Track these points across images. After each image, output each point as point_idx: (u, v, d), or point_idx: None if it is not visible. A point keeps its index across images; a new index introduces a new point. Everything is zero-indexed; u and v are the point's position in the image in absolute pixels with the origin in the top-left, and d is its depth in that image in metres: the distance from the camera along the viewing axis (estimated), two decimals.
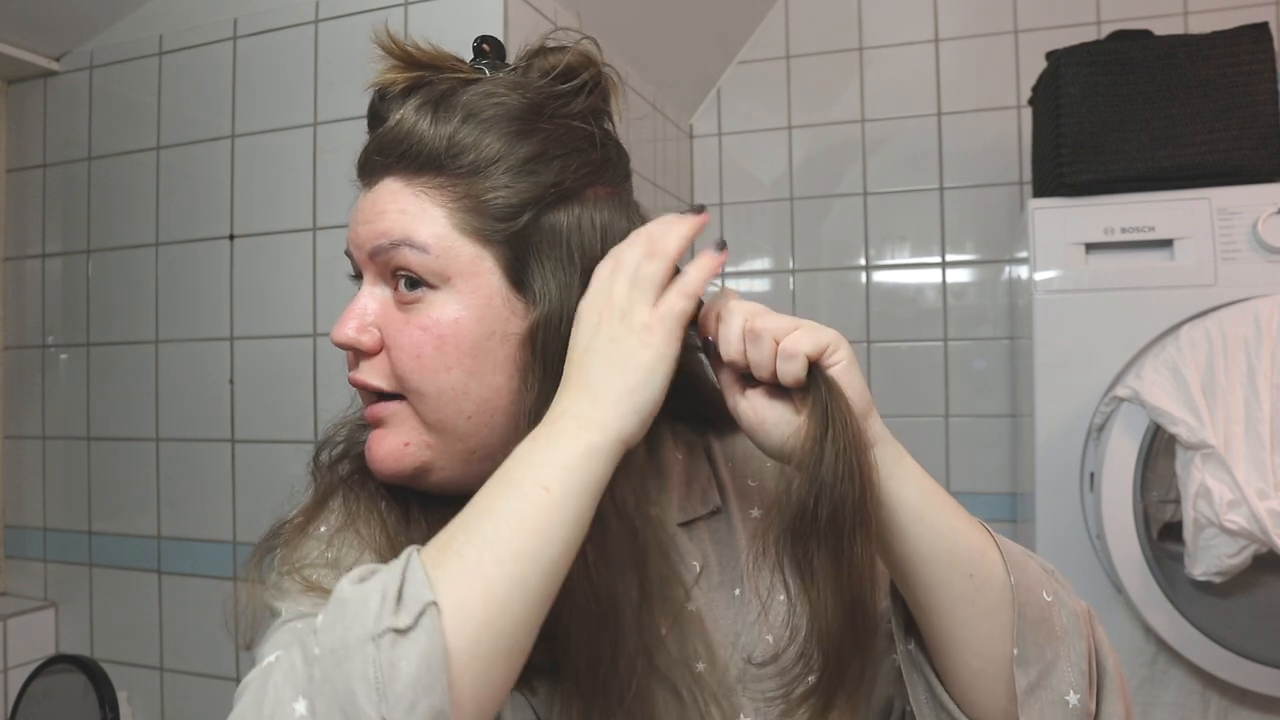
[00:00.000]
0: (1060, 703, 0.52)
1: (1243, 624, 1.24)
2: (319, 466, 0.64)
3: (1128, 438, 1.30)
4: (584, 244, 0.56)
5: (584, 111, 0.59)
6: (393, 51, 0.58)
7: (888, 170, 1.94)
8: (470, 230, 0.55)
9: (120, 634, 1.51)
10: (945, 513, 0.54)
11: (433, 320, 0.55)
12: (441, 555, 0.43)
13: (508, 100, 0.56)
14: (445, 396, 0.55)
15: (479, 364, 0.55)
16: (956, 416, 1.87)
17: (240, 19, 1.42)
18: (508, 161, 0.55)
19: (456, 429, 0.56)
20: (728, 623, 0.61)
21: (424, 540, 0.51)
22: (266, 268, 1.41)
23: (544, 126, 0.57)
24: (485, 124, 0.55)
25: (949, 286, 1.90)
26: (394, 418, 0.57)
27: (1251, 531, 1.15)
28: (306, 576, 0.54)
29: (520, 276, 0.56)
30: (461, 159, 0.55)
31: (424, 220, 0.55)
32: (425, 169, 0.55)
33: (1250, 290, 1.28)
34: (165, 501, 1.48)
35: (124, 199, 1.52)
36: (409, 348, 0.55)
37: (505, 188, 0.55)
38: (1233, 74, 1.33)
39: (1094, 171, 1.37)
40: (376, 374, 0.57)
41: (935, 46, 1.92)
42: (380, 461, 0.57)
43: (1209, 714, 1.29)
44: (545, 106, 0.57)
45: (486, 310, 0.55)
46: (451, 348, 0.54)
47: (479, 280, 0.55)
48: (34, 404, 1.60)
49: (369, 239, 0.56)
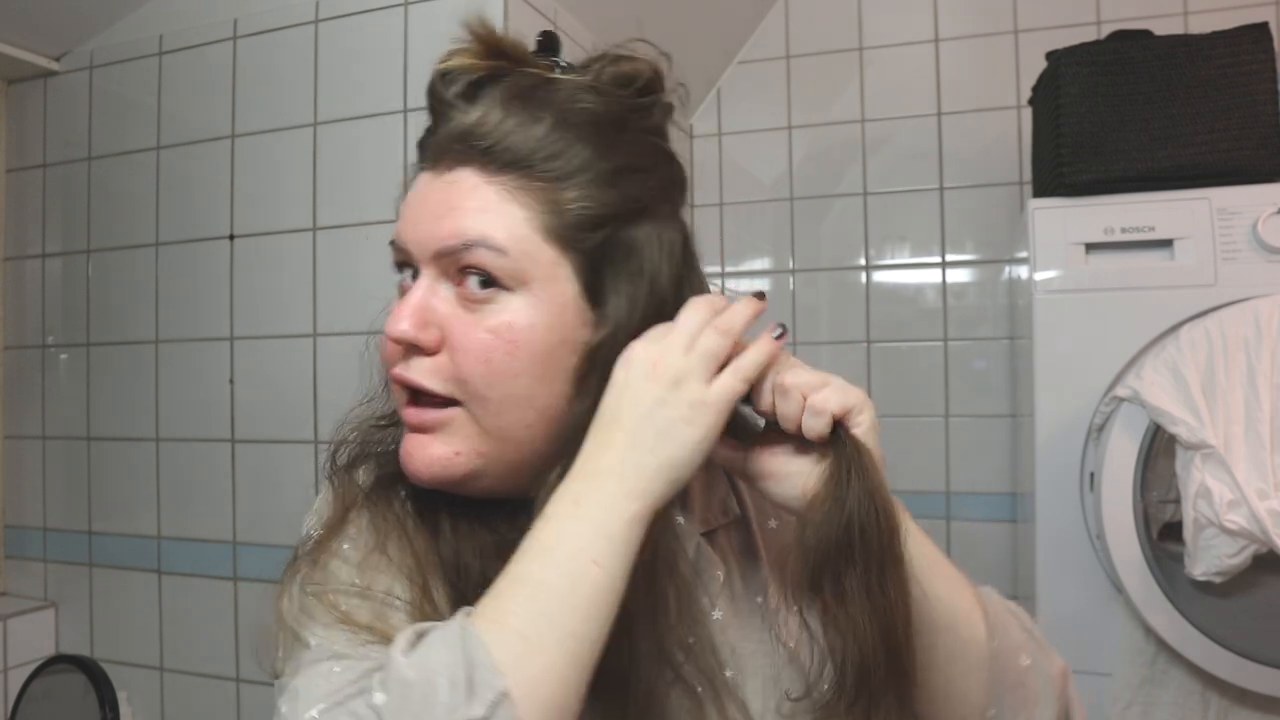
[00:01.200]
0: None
1: (1243, 624, 1.24)
2: (336, 471, 0.61)
3: (1128, 438, 1.30)
4: (653, 262, 0.56)
5: (659, 126, 0.59)
6: (482, 37, 0.56)
7: (888, 170, 1.94)
8: (552, 235, 0.53)
9: (120, 634, 1.51)
10: (942, 576, 0.56)
11: (505, 324, 0.53)
12: (501, 633, 0.43)
13: (595, 108, 0.55)
14: (509, 403, 0.53)
15: (547, 372, 0.53)
16: (956, 416, 1.87)
17: (240, 19, 1.42)
18: (595, 171, 0.54)
19: (515, 437, 0.54)
20: (753, 629, 0.61)
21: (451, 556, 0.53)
22: (266, 268, 1.41)
23: (629, 139, 0.57)
24: (576, 130, 0.54)
25: (949, 286, 1.90)
26: (450, 425, 0.54)
27: (1251, 531, 1.15)
28: (336, 604, 0.52)
29: (595, 288, 0.55)
30: (551, 163, 0.53)
31: (504, 220, 0.53)
32: (510, 168, 0.53)
33: (1250, 290, 1.28)
34: (165, 501, 1.48)
35: (124, 199, 1.52)
36: (477, 350, 0.52)
37: (591, 198, 0.54)
38: (1233, 74, 1.33)
39: (1094, 171, 1.37)
40: (432, 375, 0.54)
41: (935, 46, 1.92)
42: (426, 468, 0.54)
43: (1209, 714, 1.29)
44: (629, 119, 0.57)
45: (560, 318, 0.53)
46: (524, 353, 0.53)
47: (556, 287, 0.53)
48: (34, 404, 1.60)
49: (438, 237, 0.53)
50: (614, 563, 0.47)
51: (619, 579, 0.47)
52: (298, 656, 0.51)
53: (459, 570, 0.55)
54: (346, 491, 0.59)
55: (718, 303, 0.54)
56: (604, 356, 0.53)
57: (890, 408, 1.91)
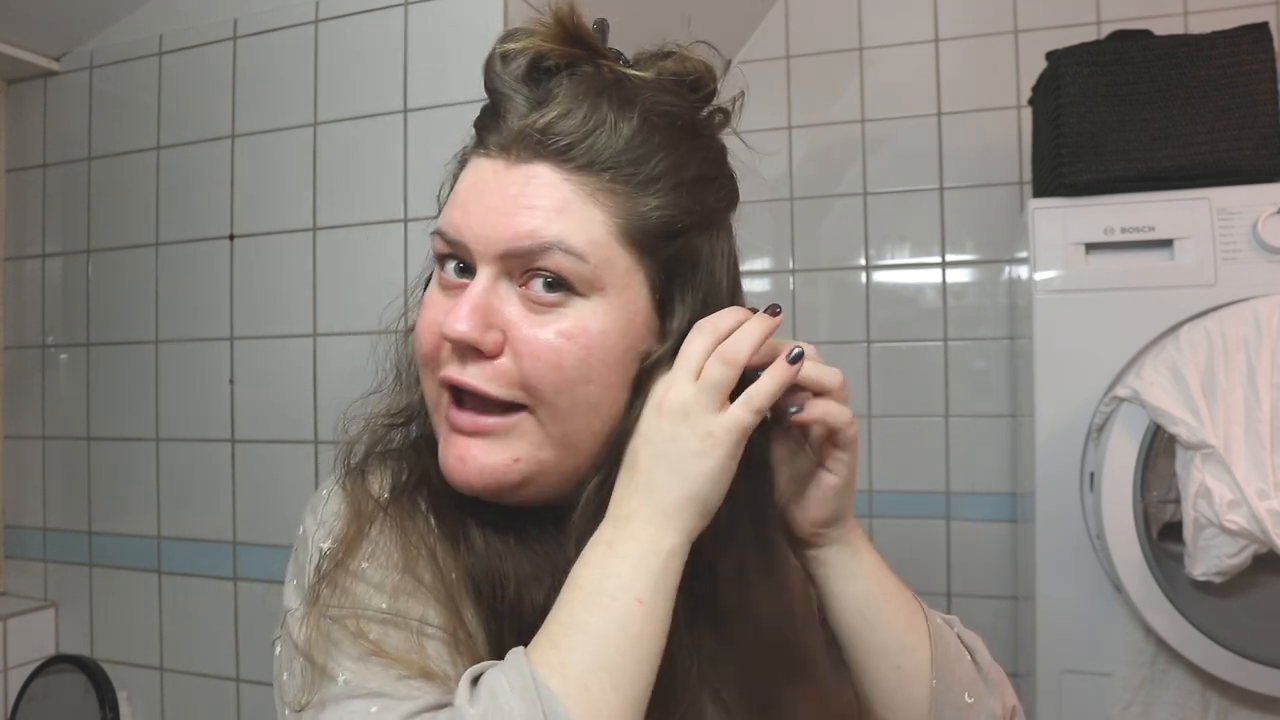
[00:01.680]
0: None
1: (1243, 624, 1.24)
2: (350, 473, 0.57)
3: (1128, 438, 1.30)
4: (716, 273, 0.55)
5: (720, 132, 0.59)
6: (564, 20, 0.52)
7: (888, 170, 1.94)
8: (630, 241, 0.51)
9: (120, 634, 1.51)
10: (886, 610, 0.58)
11: (580, 329, 0.50)
12: (566, 683, 0.43)
13: (676, 111, 0.54)
14: (579, 410, 0.51)
15: (615, 379, 0.52)
16: (956, 416, 1.87)
17: (240, 19, 1.42)
18: (676, 178, 0.52)
19: (579, 445, 0.52)
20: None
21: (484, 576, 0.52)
22: (266, 268, 1.41)
23: (701, 145, 0.56)
24: (661, 134, 0.52)
25: (949, 286, 1.90)
26: (513, 431, 0.51)
27: (1251, 531, 1.15)
28: (365, 632, 0.48)
29: (665, 298, 0.53)
30: (637, 167, 0.51)
31: (584, 223, 0.50)
32: (592, 168, 0.51)
33: (1250, 290, 1.28)
34: (165, 501, 1.47)
35: (124, 199, 1.52)
36: (548, 355, 0.50)
37: (672, 206, 0.52)
38: (1233, 74, 1.33)
39: (1094, 171, 1.37)
40: (493, 380, 0.51)
41: (935, 46, 1.92)
42: (479, 477, 0.52)
43: (1209, 714, 1.29)
44: (701, 125, 0.56)
45: (631, 326, 0.52)
46: (597, 360, 0.50)
47: (630, 295, 0.52)
48: (34, 404, 1.60)
49: (508, 236, 0.50)
50: (657, 598, 0.47)
51: (664, 613, 0.47)
52: (323, 691, 0.47)
53: (494, 592, 0.53)
54: (360, 501, 0.55)
55: (723, 324, 0.52)
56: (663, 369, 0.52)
57: (890, 408, 1.91)
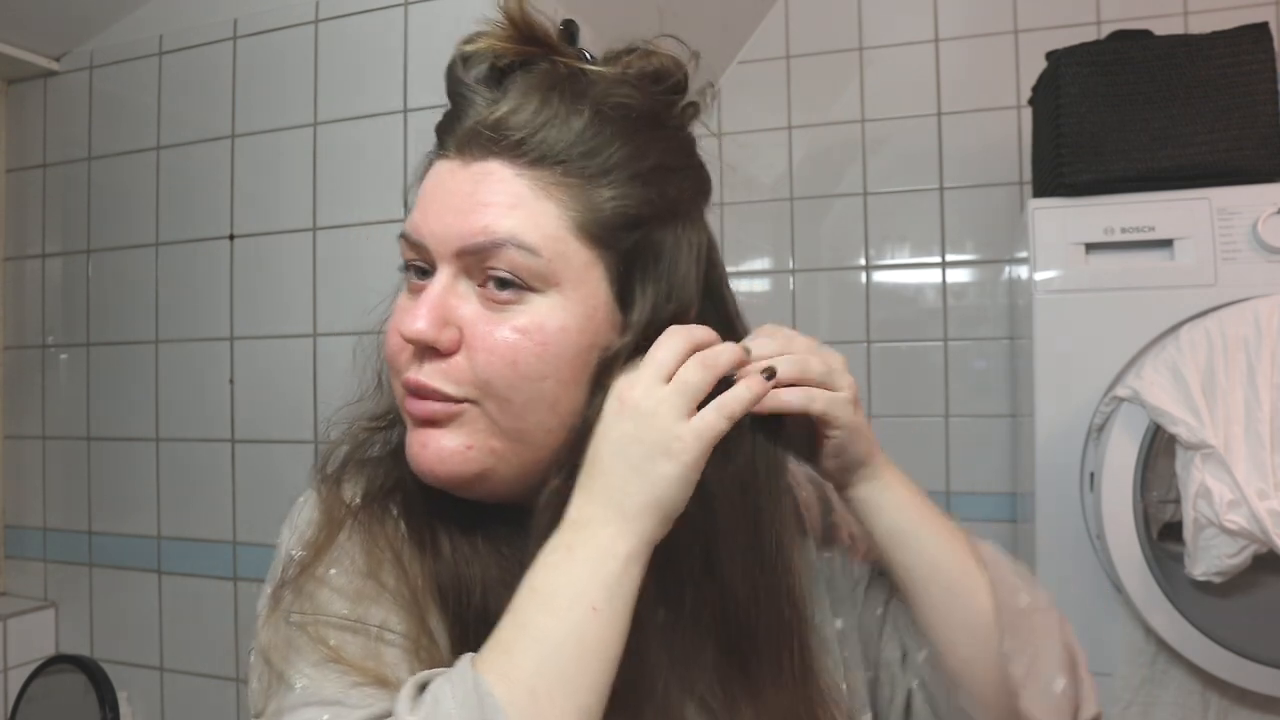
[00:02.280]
0: (1050, 690, 0.58)
1: (1243, 624, 1.24)
2: (325, 480, 0.58)
3: (1128, 438, 1.30)
4: (681, 265, 0.54)
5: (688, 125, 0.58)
6: (515, 20, 0.52)
7: (888, 170, 1.94)
8: (585, 234, 0.51)
9: (120, 634, 1.51)
10: (924, 534, 0.59)
11: (535, 325, 0.50)
12: (513, 690, 0.42)
13: (634, 102, 0.53)
14: (532, 406, 0.50)
15: (574, 376, 0.51)
16: (956, 416, 1.87)
17: (240, 19, 1.42)
18: (632, 169, 0.52)
19: (533, 441, 0.51)
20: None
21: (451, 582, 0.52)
22: (266, 268, 1.41)
23: (664, 136, 0.55)
24: (616, 125, 0.52)
25: (949, 286, 1.90)
26: (460, 418, 0.51)
27: (1251, 531, 1.15)
28: (325, 639, 0.48)
29: (625, 291, 0.53)
30: (589, 159, 0.51)
31: (537, 218, 0.50)
32: (544, 162, 0.50)
33: (1250, 290, 1.28)
34: (165, 501, 1.48)
35: (124, 199, 1.52)
36: (503, 351, 0.49)
37: (628, 196, 0.52)
38: (1233, 74, 1.33)
39: (1094, 171, 1.37)
40: (448, 379, 0.50)
41: (935, 46, 1.92)
42: (438, 464, 0.51)
43: (1209, 714, 1.29)
44: (663, 116, 0.56)
45: (590, 321, 0.51)
46: (553, 357, 0.50)
47: (588, 289, 0.51)
48: (34, 404, 1.60)
49: (463, 233, 0.50)
50: (613, 605, 0.46)
51: (621, 620, 0.46)
52: (280, 698, 0.47)
53: (460, 598, 0.52)
54: (333, 508, 0.55)
55: (699, 335, 0.52)
56: (623, 365, 0.52)
57: (890, 408, 1.91)
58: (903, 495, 0.60)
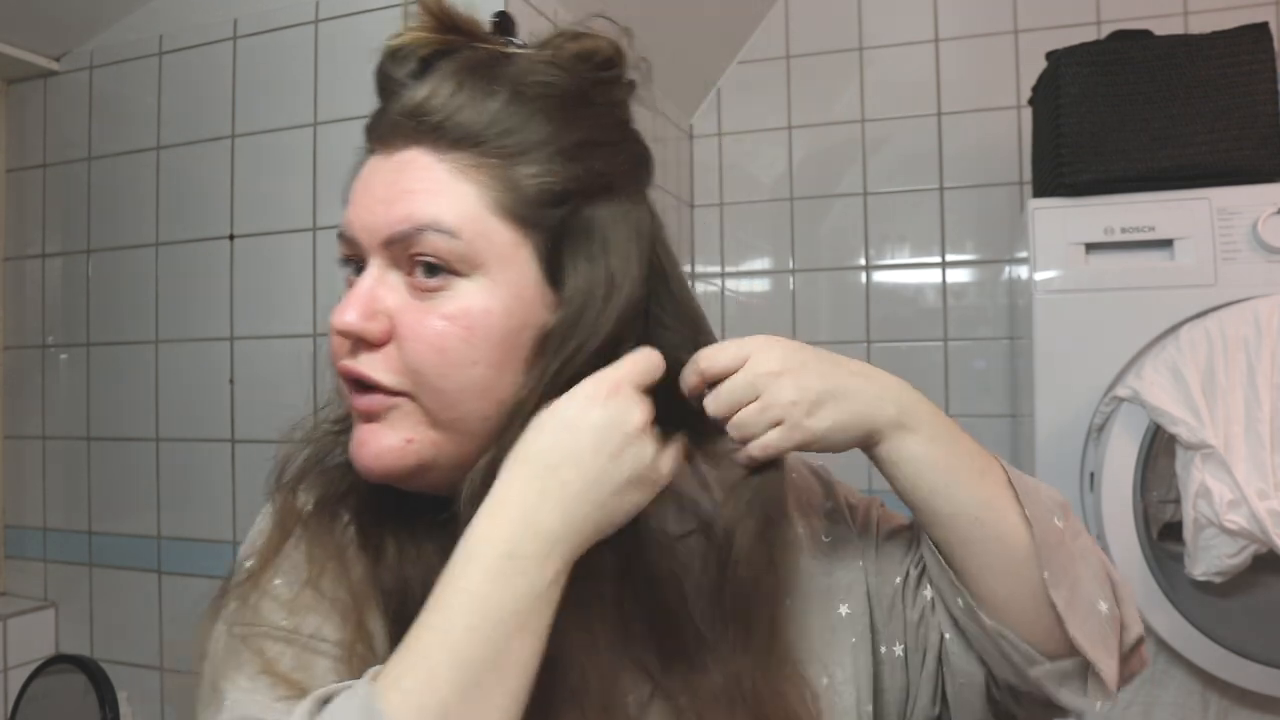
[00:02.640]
0: (1094, 612, 0.56)
1: (1243, 624, 1.24)
2: (280, 488, 0.57)
3: (1128, 438, 1.30)
4: (616, 242, 0.53)
5: (623, 102, 0.57)
6: (431, 8, 0.53)
7: (888, 170, 1.94)
8: (508, 214, 0.50)
9: (120, 634, 1.51)
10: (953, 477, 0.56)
11: (460, 310, 0.49)
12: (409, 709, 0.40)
13: (556, 81, 0.52)
14: (466, 394, 0.50)
15: (505, 359, 0.50)
16: (956, 417, 1.85)
17: (240, 19, 1.42)
18: (554, 145, 0.51)
19: (470, 429, 0.51)
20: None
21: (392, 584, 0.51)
22: (266, 268, 1.41)
23: (589, 113, 0.54)
24: (534, 103, 0.51)
25: (949, 286, 1.90)
26: (395, 412, 0.51)
27: (1251, 531, 1.15)
28: (262, 650, 0.48)
29: (555, 269, 0.52)
30: (506, 138, 0.50)
31: (456, 200, 0.50)
32: (462, 144, 0.50)
33: (1250, 290, 1.28)
34: (165, 501, 1.47)
35: (124, 199, 1.52)
36: (431, 339, 0.49)
37: (550, 173, 0.51)
38: (1233, 74, 1.33)
39: (1094, 171, 1.37)
40: (382, 368, 0.51)
41: (935, 46, 1.92)
42: (376, 459, 0.51)
43: (1209, 714, 1.29)
44: (591, 93, 0.54)
45: (518, 302, 0.50)
46: (480, 340, 0.50)
47: (515, 269, 0.51)
48: (34, 404, 1.60)
49: (387, 222, 0.50)
50: (529, 623, 0.44)
51: (534, 640, 0.44)
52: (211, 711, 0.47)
53: (402, 601, 0.51)
54: (285, 517, 0.55)
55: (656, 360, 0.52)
56: (556, 342, 0.51)
57: None
58: (916, 448, 0.56)
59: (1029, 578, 0.55)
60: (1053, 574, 0.55)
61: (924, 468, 0.56)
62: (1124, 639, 0.58)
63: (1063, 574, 0.56)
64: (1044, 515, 0.57)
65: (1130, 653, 0.59)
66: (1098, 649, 0.55)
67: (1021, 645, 0.56)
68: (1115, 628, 0.57)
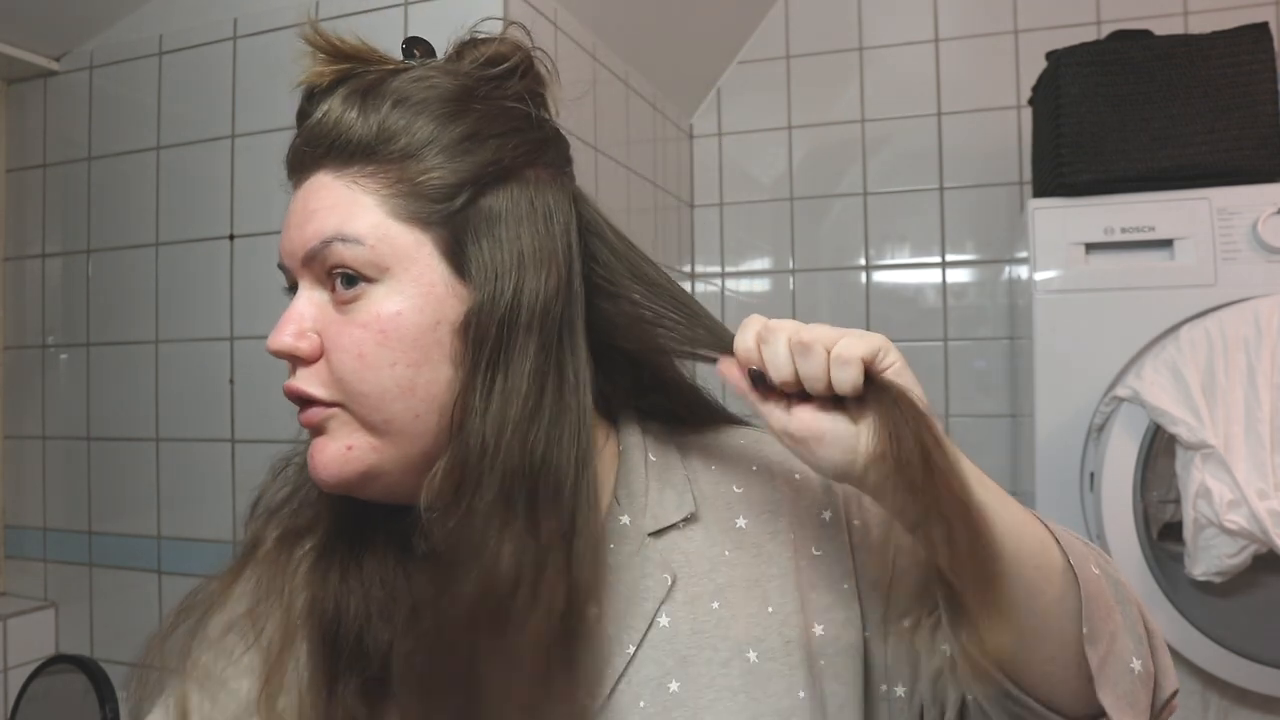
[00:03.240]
0: (1127, 671, 0.51)
1: (1243, 624, 1.25)
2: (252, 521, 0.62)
3: (1128, 438, 1.30)
4: (522, 226, 0.54)
5: (519, 93, 0.57)
6: (318, 45, 0.57)
7: (888, 170, 1.94)
8: (406, 216, 0.53)
9: (120, 634, 1.51)
10: (1006, 508, 0.51)
11: (373, 316, 0.52)
12: None
13: (439, 83, 0.54)
14: (390, 395, 0.52)
15: (424, 356, 0.52)
16: (956, 416, 1.87)
17: (240, 19, 1.42)
18: (441, 142, 0.53)
19: (405, 429, 0.53)
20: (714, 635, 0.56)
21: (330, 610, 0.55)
22: (266, 268, 1.40)
23: (477, 107, 0.55)
24: (416, 107, 0.54)
25: (949, 286, 1.90)
26: (332, 421, 0.54)
27: (1251, 531, 1.15)
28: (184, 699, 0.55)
29: (461, 260, 0.53)
30: (393, 144, 0.53)
31: (356, 211, 0.52)
32: (355, 158, 0.53)
33: (1250, 290, 1.28)
34: (165, 501, 1.47)
35: (124, 199, 1.52)
36: (350, 348, 0.52)
37: (440, 168, 0.53)
38: (1233, 74, 1.33)
39: (1094, 171, 1.37)
40: (315, 382, 0.54)
41: (935, 46, 1.92)
42: (324, 469, 0.54)
43: (1209, 714, 1.29)
44: (477, 89, 0.55)
45: (428, 299, 0.52)
46: (394, 342, 0.52)
47: (419, 268, 0.53)
48: (34, 404, 1.60)
49: (301, 244, 0.54)
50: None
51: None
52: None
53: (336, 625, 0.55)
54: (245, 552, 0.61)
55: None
56: (474, 331, 0.52)
57: None
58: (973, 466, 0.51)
59: (1071, 633, 0.50)
60: (1092, 630, 0.50)
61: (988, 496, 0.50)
62: (1157, 697, 0.54)
63: (1101, 629, 0.51)
64: (1083, 563, 0.52)
65: (1162, 709, 0.55)
66: (1125, 714, 0.51)
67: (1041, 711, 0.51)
68: (1148, 686, 0.53)
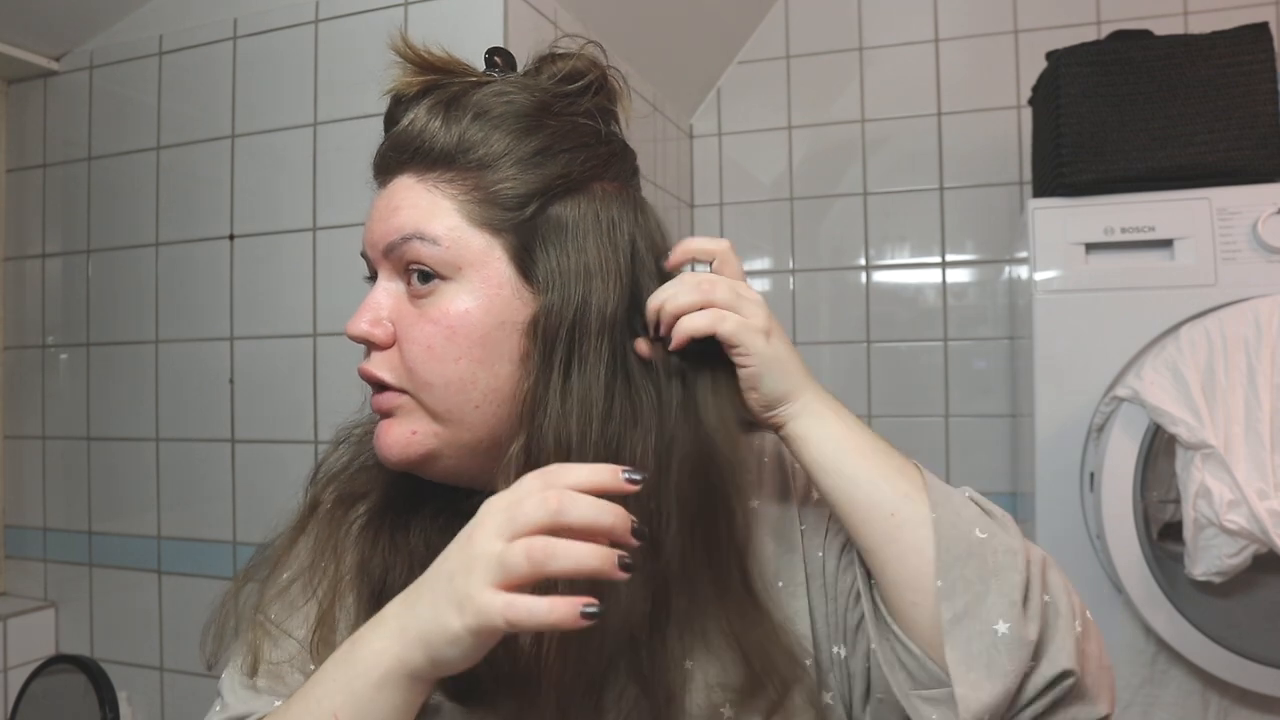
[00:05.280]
0: (989, 632, 0.53)
1: (1243, 624, 1.24)
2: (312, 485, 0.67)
3: (1128, 438, 1.30)
4: (587, 237, 0.58)
5: (590, 110, 0.61)
6: (408, 56, 0.60)
7: (888, 170, 1.94)
8: (480, 221, 0.57)
9: (120, 634, 1.51)
10: (865, 463, 0.58)
11: (443, 312, 0.56)
12: None
13: (516, 98, 0.59)
14: (453, 387, 0.56)
15: (488, 354, 0.56)
16: (956, 416, 1.87)
17: (240, 19, 1.42)
18: (515, 155, 0.57)
19: (464, 419, 0.57)
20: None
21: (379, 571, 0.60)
22: (266, 268, 1.41)
23: (550, 123, 0.59)
24: (495, 121, 0.58)
25: (949, 286, 1.90)
26: (401, 409, 0.58)
27: (1251, 531, 1.15)
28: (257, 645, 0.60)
29: (528, 266, 0.57)
30: (471, 154, 0.57)
31: (436, 213, 0.57)
32: (437, 165, 0.58)
33: (1250, 290, 1.28)
34: (165, 501, 1.48)
35: (124, 199, 1.52)
36: (420, 340, 0.56)
37: (513, 179, 0.57)
38: (1233, 74, 1.33)
39: (1094, 171, 1.37)
40: (385, 367, 0.58)
41: (935, 46, 1.92)
42: (389, 449, 0.58)
43: (1209, 714, 1.29)
44: (552, 105, 0.60)
45: (496, 300, 0.56)
46: (462, 338, 0.56)
47: (489, 270, 0.57)
48: (34, 404, 1.60)
49: (383, 236, 0.58)
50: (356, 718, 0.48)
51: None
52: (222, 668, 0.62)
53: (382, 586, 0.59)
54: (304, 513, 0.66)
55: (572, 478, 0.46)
56: (542, 331, 0.56)
57: (890, 408, 1.91)
58: (835, 428, 0.58)
59: (928, 584, 0.55)
60: (948, 584, 0.54)
61: (835, 449, 0.58)
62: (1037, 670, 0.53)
63: (963, 587, 0.54)
64: (961, 521, 0.56)
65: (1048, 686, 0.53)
66: (974, 673, 0.52)
67: (929, 664, 0.54)
68: (1018, 653, 0.52)
